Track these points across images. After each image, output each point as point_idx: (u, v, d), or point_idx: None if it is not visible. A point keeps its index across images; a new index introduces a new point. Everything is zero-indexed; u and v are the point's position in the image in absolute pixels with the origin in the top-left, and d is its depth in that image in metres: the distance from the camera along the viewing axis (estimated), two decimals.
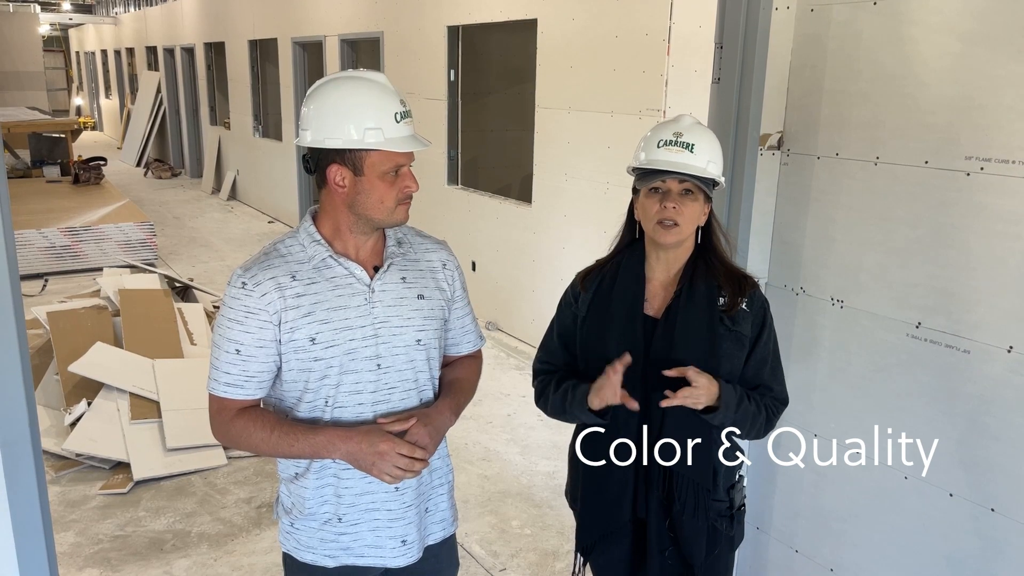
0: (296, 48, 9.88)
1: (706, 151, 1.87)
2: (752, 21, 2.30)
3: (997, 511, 1.98)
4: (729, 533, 1.98)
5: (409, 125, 1.67)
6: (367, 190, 1.65)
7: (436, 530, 1.90)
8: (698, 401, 1.79)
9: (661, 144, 1.87)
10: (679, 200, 1.85)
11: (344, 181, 1.65)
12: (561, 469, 4.16)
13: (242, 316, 1.66)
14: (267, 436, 1.67)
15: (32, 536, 1.68)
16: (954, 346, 2.02)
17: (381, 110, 1.62)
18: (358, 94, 1.64)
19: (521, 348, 6.02)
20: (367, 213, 1.67)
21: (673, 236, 1.87)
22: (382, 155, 1.63)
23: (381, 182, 1.64)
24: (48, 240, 7.88)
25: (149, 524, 3.70)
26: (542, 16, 5.57)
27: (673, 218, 1.85)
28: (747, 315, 1.90)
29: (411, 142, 1.65)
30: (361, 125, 1.61)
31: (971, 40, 1.92)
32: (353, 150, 1.62)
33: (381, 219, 1.69)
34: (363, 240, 1.73)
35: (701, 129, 1.92)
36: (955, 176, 1.98)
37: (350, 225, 1.71)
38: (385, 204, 1.66)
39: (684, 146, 1.86)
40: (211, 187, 13.42)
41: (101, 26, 21.71)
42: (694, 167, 1.85)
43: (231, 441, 1.74)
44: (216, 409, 1.72)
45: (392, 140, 1.62)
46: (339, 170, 1.65)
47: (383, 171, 1.64)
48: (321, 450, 1.67)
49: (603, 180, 5.13)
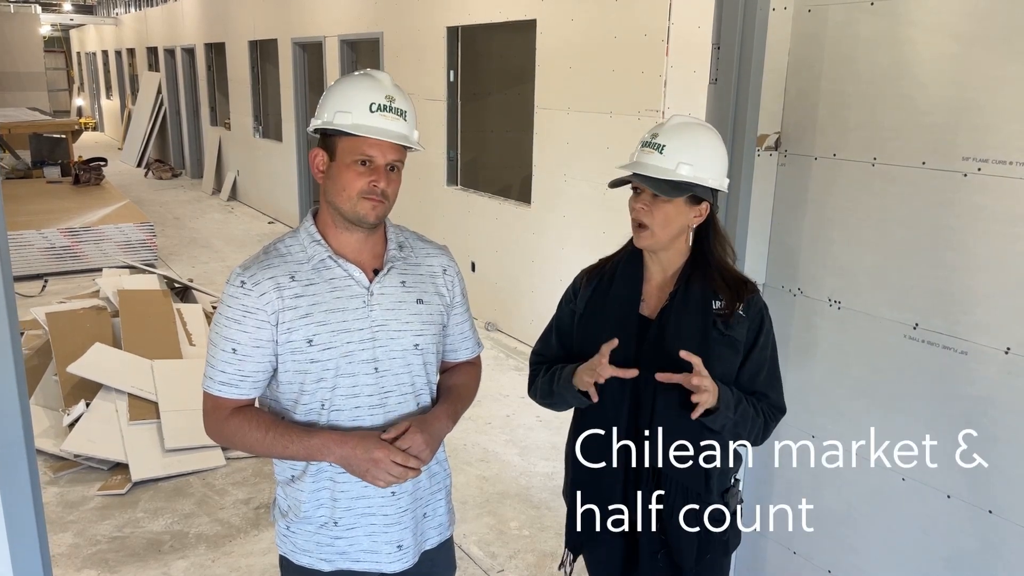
0: (296, 49, 9.88)
1: (679, 152, 1.81)
2: (749, 22, 2.29)
3: (995, 513, 1.97)
4: (723, 537, 1.95)
5: (388, 119, 1.65)
6: (335, 176, 1.66)
7: (433, 535, 1.89)
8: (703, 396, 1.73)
9: (641, 146, 1.86)
10: (649, 202, 1.82)
11: (322, 166, 1.69)
12: (560, 470, 4.15)
13: (240, 315, 1.65)
14: (261, 436, 1.66)
15: (26, 537, 1.68)
16: (952, 347, 2.02)
17: (358, 97, 1.65)
18: (347, 83, 1.70)
19: (520, 349, 6.02)
20: (334, 200, 1.68)
21: (646, 240, 1.85)
22: (350, 142, 1.64)
23: (348, 170, 1.64)
24: (48, 241, 7.88)
25: (147, 525, 3.70)
26: (541, 17, 5.57)
27: (640, 219, 1.84)
28: (743, 320, 1.87)
29: (383, 133, 1.63)
30: (334, 108, 1.65)
31: (968, 41, 1.92)
32: (330, 134, 1.66)
33: (345, 210, 1.67)
34: (359, 238, 1.72)
35: (683, 129, 1.85)
36: (952, 177, 1.97)
37: (333, 218, 1.71)
38: (347, 193, 1.65)
39: (654, 147, 1.82)
40: (211, 188, 13.43)
41: (102, 27, 21.73)
42: (658, 168, 1.80)
43: (225, 440, 1.73)
44: (211, 407, 1.71)
45: (360, 126, 1.62)
46: (320, 154, 1.69)
47: (350, 159, 1.64)
48: (315, 453, 1.66)
49: (602, 181, 5.10)
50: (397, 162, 1.68)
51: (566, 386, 1.88)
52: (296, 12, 9.71)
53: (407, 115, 1.69)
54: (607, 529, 1.97)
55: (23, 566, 1.68)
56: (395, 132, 1.65)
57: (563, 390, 1.89)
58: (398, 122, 1.67)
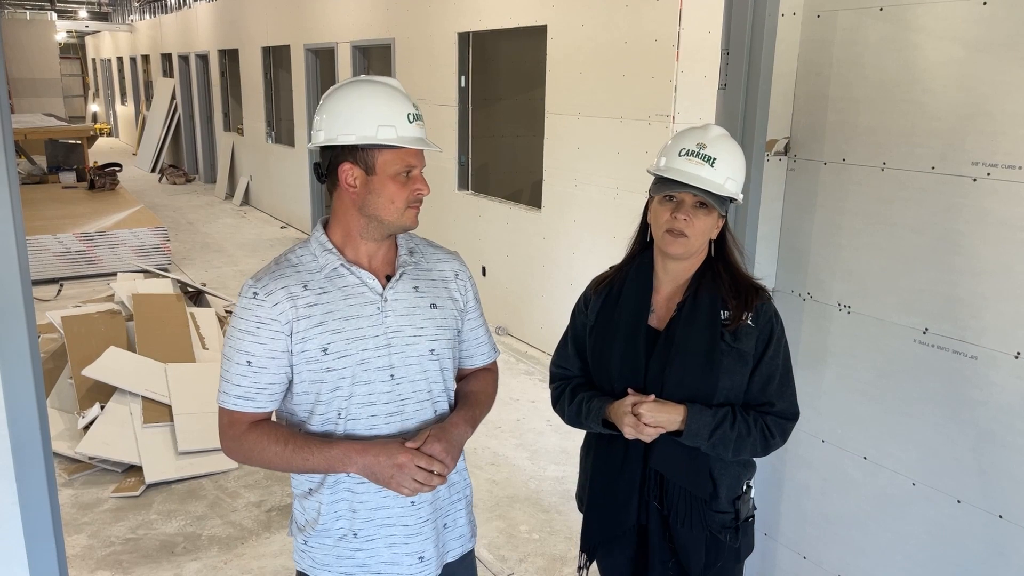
0: (309, 55, 9.94)
1: (727, 167, 1.81)
2: (758, 27, 2.30)
3: (1005, 518, 1.97)
4: (734, 545, 1.94)
5: (420, 128, 1.67)
6: (378, 190, 1.63)
7: (455, 546, 1.86)
8: (647, 427, 1.80)
9: (683, 153, 1.82)
10: (691, 212, 1.81)
11: (356, 181, 1.63)
12: (570, 474, 4.16)
13: (253, 327, 1.63)
14: (280, 450, 1.63)
15: (43, 538, 1.70)
16: (961, 352, 2.01)
17: (394, 109, 1.63)
18: (373, 94, 1.64)
19: (531, 353, 6.03)
20: (377, 214, 1.65)
21: (680, 247, 1.84)
22: (394, 154, 1.62)
23: (392, 182, 1.63)
24: (63, 245, 7.96)
25: (160, 527, 3.73)
26: (552, 22, 5.59)
27: (682, 229, 1.82)
28: (751, 331, 1.85)
29: (423, 143, 1.65)
30: (375, 122, 1.60)
31: (977, 46, 1.92)
32: (365, 148, 1.61)
33: (391, 221, 1.66)
34: (374, 247, 1.71)
35: (727, 143, 1.86)
36: (962, 182, 1.97)
37: (360, 229, 1.68)
38: (395, 205, 1.64)
39: (705, 159, 1.81)
40: (224, 193, 13.51)
41: (117, 33, 21.92)
42: (711, 182, 1.79)
43: (243, 456, 1.68)
44: (227, 423, 1.68)
45: (405, 138, 1.62)
46: (351, 169, 1.63)
47: (395, 171, 1.62)
48: (336, 464, 1.62)
49: (613, 185, 5.14)
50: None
51: (595, 423, 1.90)
52: (309, 18, 9.78)
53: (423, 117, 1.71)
54: (620, 535, 1.98)
55: (40, 567, 1.71)
56: (427, 140, 1.68)
57: (591, 424, 1.92)
58: (423, 128, 1.68)
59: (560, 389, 2.02)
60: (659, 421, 1.80)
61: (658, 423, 1.80)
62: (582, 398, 1.93)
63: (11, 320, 1.60)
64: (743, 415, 1.85)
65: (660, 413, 1.80)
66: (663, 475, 1.89)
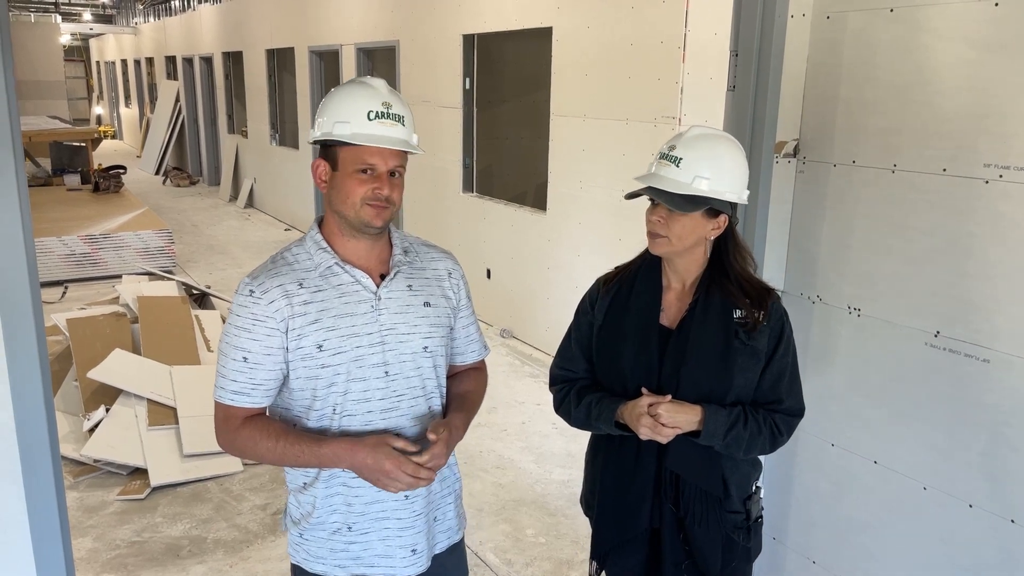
0: (313, 57, 9.95)
1: (696, 165, 1.77)
2: (767, 28, 2.29)
3: (1018, 522, 1.95)
4: (746, 545, 1.95)
5: (387, 126, 1.65)
6: (339, 185, 1.67)
7: (442, 539, 1.90)
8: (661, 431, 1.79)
9: (659, 156, 1.84)
10: (666, 215, 1.80)
11: (325, 176, 1.70)
12: (575, 478, 4.15)
13: (249, 324, 1.66)
14: (273, 445, 1.67)
15: (50, 541, 1.70)
16: (973, 355, 2.00)
17: (355, 107, 1.65)
18: (343, 92, 1.70)
19: (536, 356, 6.02)
20: (340, 209, 1.69)
21: (660, 247, 1.84)
22: (351, 151, 1.65)
23: (350, 179, 1.66)
24: (68, 247, 7.97)
25: (166, 530, 3.72)
26: (557, 24, 5.58)
27: (657, 231, 1.82)
28: (764, 328, 1.85)
29: (386, 141, 1.64)
30: (332, 119, 1.66)
31: (988, 48, 1.91)
32: (332, 145, 1.67)
33: (350, 216, 1.68)
34: (359, 245, 1.73)
35: (702, 142, 1.81)
36: (973, 184, 1.96)
37: (338, 226, 1.72)
38: (351, 200, 1.66)
39: (671, 160, 1.80)
40: (228, 195, 13.53)
41: (121, 36, 21.98)
42: (674, 182, 1.77)
43: (237, 450, 1.74)
44: (222, 417, 1.72)
45: (359, 135, 1.63)
46: (322, 164, 1.70)
47: (353, 168, 1.65)
48: (327, 462, 1.67)
49: (618, 188, 5.13)
50: (399, 167, 1.69)
51: (606, 425, 1.89)
52: (313, 21, 9.79)
53: (405, 119, 1.69)
54: (631, 539, 1.97)
55: (48, 570, 1.70)
56: (394, 138, 1.66)
57: (602, 425, 1.90)
58: (396, 128, 1.67)
59: (564, 391, 2.01)
60: (677, 422, 1.79)
61: (676, 424, 1.79)
62: (591, 399, 1.92)
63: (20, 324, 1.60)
64: (754, 414, 1.86)
65: (679, 414, 1.80)
66: (678, 476, 1.89)
